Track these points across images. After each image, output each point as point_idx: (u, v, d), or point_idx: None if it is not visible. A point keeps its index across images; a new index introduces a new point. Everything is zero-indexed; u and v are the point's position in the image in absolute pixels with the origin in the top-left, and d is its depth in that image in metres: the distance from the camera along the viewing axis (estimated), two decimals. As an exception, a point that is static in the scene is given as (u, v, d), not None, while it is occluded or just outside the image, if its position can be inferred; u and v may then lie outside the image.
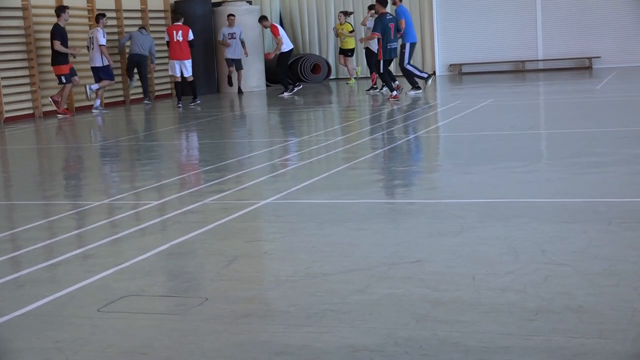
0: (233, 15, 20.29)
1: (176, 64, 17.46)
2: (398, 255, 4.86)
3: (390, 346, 3.43)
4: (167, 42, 17.77)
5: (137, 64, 18.22)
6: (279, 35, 18.94)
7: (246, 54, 20.37)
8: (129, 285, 4.55)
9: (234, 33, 20.19)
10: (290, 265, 4.79)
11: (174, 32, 17.42)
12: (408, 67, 16.91)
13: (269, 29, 19.47)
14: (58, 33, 16.10)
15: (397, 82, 16.32)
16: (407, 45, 16.87)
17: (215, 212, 6.43)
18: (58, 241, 5.78)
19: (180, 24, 17.43)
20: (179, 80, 17.64)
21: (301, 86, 20.04)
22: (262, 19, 19.65)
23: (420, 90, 16.89)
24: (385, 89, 18.07)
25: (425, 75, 17.23)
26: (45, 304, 4.29)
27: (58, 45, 16.05)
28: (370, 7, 18.93)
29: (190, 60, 17.62)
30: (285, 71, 19.68)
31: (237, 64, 20.41)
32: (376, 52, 19.02)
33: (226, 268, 4.82)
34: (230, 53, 20.29)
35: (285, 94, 18.75)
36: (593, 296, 3.92)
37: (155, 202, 7.05)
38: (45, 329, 3.92)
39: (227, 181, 7.87)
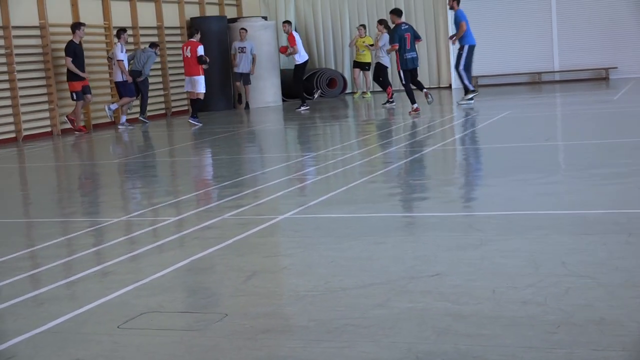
0: (244, 30, 20.36)
1: (187, 80, 17.42)
2: (417, 269, 4.84)
3: (411, 361, 3.41)
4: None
5: (135, 81, 18.08)
6: (294, 45, 18.96)
7: (252, 71, 20.37)
8: (149, 301, 4.55)
9: (244, 47, 20.24)
10: (309, 280, 4.78)
11: (185, 48, 17.42)
12: (462, 71, 16.86)
13: (286, 36, 19.36)
14: (71, 50, 16.20)
15: (425, 90, 16.16)
16: (466, 48, 16.85)
17: (234, 228, 6.43)
18: (77, 258, 5.79)
19: (194, 39, 17.26)
20: (193, 96, 17.47)
21: (319, 91, 19.94)
22: (286, 22, 19.58)
23: (472, 100, 16.78)
24: (388, 105, 18.06)
25: (471, 89, 17.05)
26: (65, 321, 4.29)
27: (69, 63, 16.16)
28: (380, 22, 18.92)
29: (200, 77, 17.17)
30: (301, 84, 19.61)
31: (245, 78, 20.45)
32: (387, 66, 19.04)
33: (245, 283, 4.82)
34: (238, 67, 20.36)
35: (302, 108, 18.70)
36: (615, 308, 3.89)
37: (173, 218, 7.06)
38: (65, 346, 3.92)
39: (244, 196, 7.87)
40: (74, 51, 16.24)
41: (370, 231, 6.00)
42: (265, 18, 22.10)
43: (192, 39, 17.31)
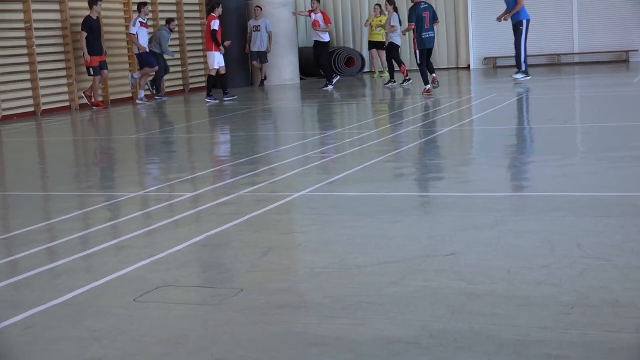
0: (259, 8, 20.25)
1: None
2: (433, 248, 4.84)
3: (425, 338, 3.42)
4: None
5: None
6: (329, 22, 18.77)
7: (269, 49, 20.25)
8: (165, 276, 4.58)
9: (259, 26, 20.16)
10: (324, 258, 4.79)
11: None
12: (523, 47, 16.71)
13: (318, 15, 18.92)
14: (87, 25, 16.22)
15: (434, 75, 16.11)
16: (525, 23, 16.69)
17: (250, 204, 6.45)
18: (93, 232, 5.83)
19: (214, 14, 16.96)
20: (212, 73, 17.19)
21: (338, 77, 19.74)
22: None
23: (528, 77, 16.74)
24: (406, 83, 18.00)
25: (524, 68, 16.86)
26: (82, 294, 4.33)
27: (82, 38, 16.20)
28: (389, 2, 18.75)
29: (211, 53, 16.82)
30: (327, 62, 19.36)
31: (262, 56, 20.38)
32: (400, 45, 18.90)
33: (261, 260, 4.84)
34: (253, 46, 20.27)
35: (330, 87, 18.49)
36: (630, 291, 3.88)
37: (190, 194, 7.09)
38: (81, 318, 3.96)
39: (261, 174, 7.88)
40: (90, 26, 16.25)
41: (386, 210, 6.00)
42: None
43: (212, 13, 17.07)
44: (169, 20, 18.18)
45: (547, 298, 3.84)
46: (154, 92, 18.04)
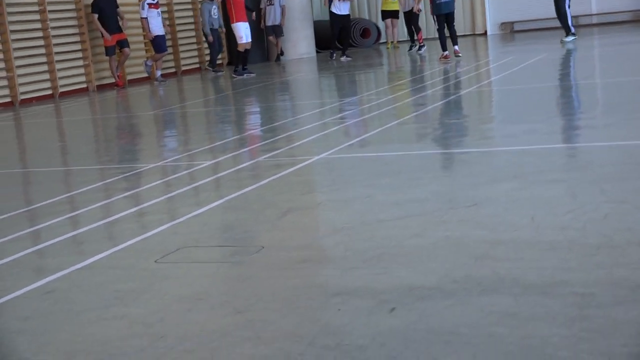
0: None
1: None
2: (454, 201, 4.80)
3: (449, 283, 3.38)
4: None
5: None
6: None
7: (282, 23, 20.08)
8: (185, 238, 4.56)
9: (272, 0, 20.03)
10: (345, 215, 4.76)
11: None
12: (568, 10, 16.43)
13: None
14: (96, 6, 16.19)
15: (456, 47, 15.85)
16: None
17: (269, 169, 6.42)
18: (114, 201, 5.82)
19: None
20: (241, 48, 16.59)
21: (349, 59, 19.36)
22: None
23: (575, 37, 16.48)
24: (422, 50, 17.90)
25: (572, 30, 16.57)
26: (103, 258, 4.31)
27: (95, 20, 16.19)
28: None
29: (237, 24, 16.36)
30: (336, 35, 19.22)
31: (277, 30, 20.24)
32: (420, 10, 18.74)
33: (281, 219, 4.81)
34: (268, 20, 20.14)
35: (344, 58, 18.30)
36: (656, 231, 3.83)
37: (209, 162, 7.06)
38: (104, 280, 3.95)
39: (279, 140, 7.85)
40: (99, 6, 16.21)
41: (406, 168, 5.95)
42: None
43: None
44: None
45: (571, 241, 3.79)
46: (209, 67, 18.39)
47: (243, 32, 16.35)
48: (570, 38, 16.51)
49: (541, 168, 5.45)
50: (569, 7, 16.52)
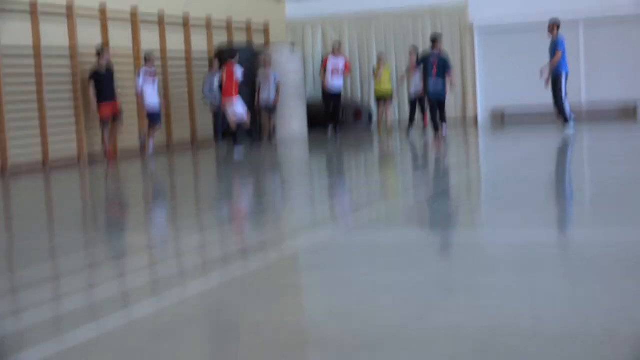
0: (267, 59, 20.31)
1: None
2: (452, 286, 4.74)
3: (451, 373, 3.31)
4: None
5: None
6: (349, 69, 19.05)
7: (276, 100, 20.26)
8: (179, 316, 4.47)
9: (268, 77, 20.22)
10: (342, 295, 4.69)
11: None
12: (565, 101, 16.49)
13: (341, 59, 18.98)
14: (93, 75, 16.26)
15: (442, 129, 16.12)
16: (564, 75, 16.58)
17: (264, 246, 6.37)
18: (97, 273, 5.74)
19: (233, 60, 16.66)
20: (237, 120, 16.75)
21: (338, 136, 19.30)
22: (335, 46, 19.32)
23: (572, 127, 16.39)
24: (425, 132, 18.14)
25: (572, 116, 16.57)
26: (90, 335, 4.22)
27: (90, 88, 16.25)
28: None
29: (233, 98, 16.68)
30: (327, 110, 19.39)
31: (270, 108, 20.41)
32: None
33: (277, 298, 4.73)
34: (261, 97, 20.31)
35: (330, 134, 18.45)
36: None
37: (202, 237, 7.00)
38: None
39: (273, 217, 7.81)
40: (97, 76, 16.29)
41: (403, 252, 5.91)
42: (292, 44, 22.14)
43: (232, 60, 16.67)
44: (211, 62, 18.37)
45: (573, 334, 3.72)
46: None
47: (239, 107, 16.45)
48: (571, 125, 16.43)
49: (539, 257, 5.41)
50: (565, 95, 16.60)
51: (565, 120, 16.54)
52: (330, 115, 19.51)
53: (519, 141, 15.23)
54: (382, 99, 21.25)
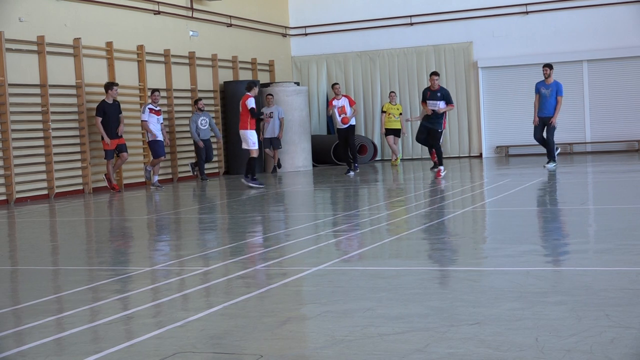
0: (271, 95, 20.51)
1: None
2: (456, 318, 4.71)
3: (455, 402, 3.28)
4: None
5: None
6: (354, 104, 19.24)
7: (280, 135, 20.41)
8: (182, 342, 4.45)
9: (272, 112, 20.38)
10: (345, 326, 4.67)
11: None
12: (554, 140, 17.56)
13: (344, 100, 19.13)
14: (100, 110, 16.39)
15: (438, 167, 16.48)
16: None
17: (265, 278, 6.36)
18: (105, 304, 5.71)
19: (249, 93, 16.50)
20: (253, 154, 16.62)
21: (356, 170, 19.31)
22: (337, 84, 19.53)
23: (556, 164, 17.43)
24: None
25: (555, 158, 17.65)
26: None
27: (98, 123, 16.36)
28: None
29: (247, 132, 16.56)
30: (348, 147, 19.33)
31: (275, 142, 20.57)
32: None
33: (280, 328, 4.71)
34: (266, 132, 20.44)
35: (351, 173, 18.56)
36: (665, 357, 3.75)
37: (202, 269, 6.98)
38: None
39: (274, 250, 7.79)
40: (104, 110, 16.40)
41: (404, 283, 5.89)
42: (297, 83, 22.26)
43: (248, 93, 16.51)
44: (196, 101, 18.79)
45: (578, 364, 3.70)
46: (195, 174, 18.98)
47: (252, 139, 16.44)
48: (553, 165, 17.36)
49: (543, 289, 5.39)
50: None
51: (551, 158, 17.48)
52: (349, 151, 19.32)
53: (521, 176, 15.21)
54: (392, 134, 21.44)
